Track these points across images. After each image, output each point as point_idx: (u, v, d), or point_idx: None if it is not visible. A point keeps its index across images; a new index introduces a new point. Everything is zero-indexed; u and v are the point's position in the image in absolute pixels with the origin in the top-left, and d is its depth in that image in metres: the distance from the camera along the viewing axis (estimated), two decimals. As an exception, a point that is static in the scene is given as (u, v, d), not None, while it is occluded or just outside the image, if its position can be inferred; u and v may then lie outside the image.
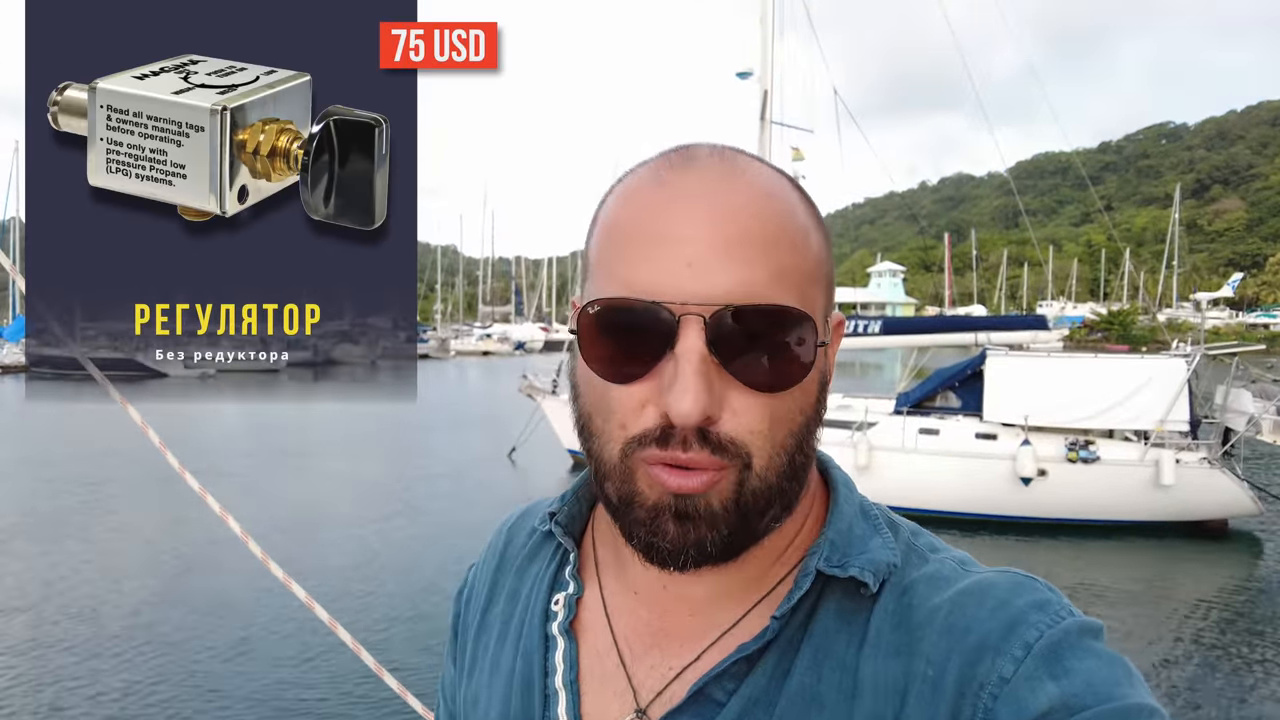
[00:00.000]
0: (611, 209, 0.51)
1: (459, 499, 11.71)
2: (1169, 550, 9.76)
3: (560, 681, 0.56)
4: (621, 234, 0.49)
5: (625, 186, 0.52)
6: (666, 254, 0.47)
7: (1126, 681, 0.44)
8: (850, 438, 10.82)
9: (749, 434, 0.47)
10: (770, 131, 12.53)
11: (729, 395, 0.47)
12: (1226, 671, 6.49)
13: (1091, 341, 42.90)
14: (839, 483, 0.58)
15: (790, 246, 0.49)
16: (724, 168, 0.49)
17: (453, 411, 20.33)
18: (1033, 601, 0.48)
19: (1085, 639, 0.46)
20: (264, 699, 5.63)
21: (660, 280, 0.46)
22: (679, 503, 0.47)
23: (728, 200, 0.48)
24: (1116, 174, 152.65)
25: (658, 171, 0.50)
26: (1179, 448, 9.99)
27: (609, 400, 0.49)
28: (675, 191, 0.48)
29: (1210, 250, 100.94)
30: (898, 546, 0.54)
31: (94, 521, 10.28)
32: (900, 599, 0.51)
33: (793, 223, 0.49)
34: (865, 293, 69.40)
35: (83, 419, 16.00)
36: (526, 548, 0.66)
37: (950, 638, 0.48)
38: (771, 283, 0.47)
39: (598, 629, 0.58)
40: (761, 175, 0.51)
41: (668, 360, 0.46)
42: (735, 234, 0.47)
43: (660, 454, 0.46)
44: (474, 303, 73.84)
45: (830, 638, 0.50)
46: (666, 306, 0.46)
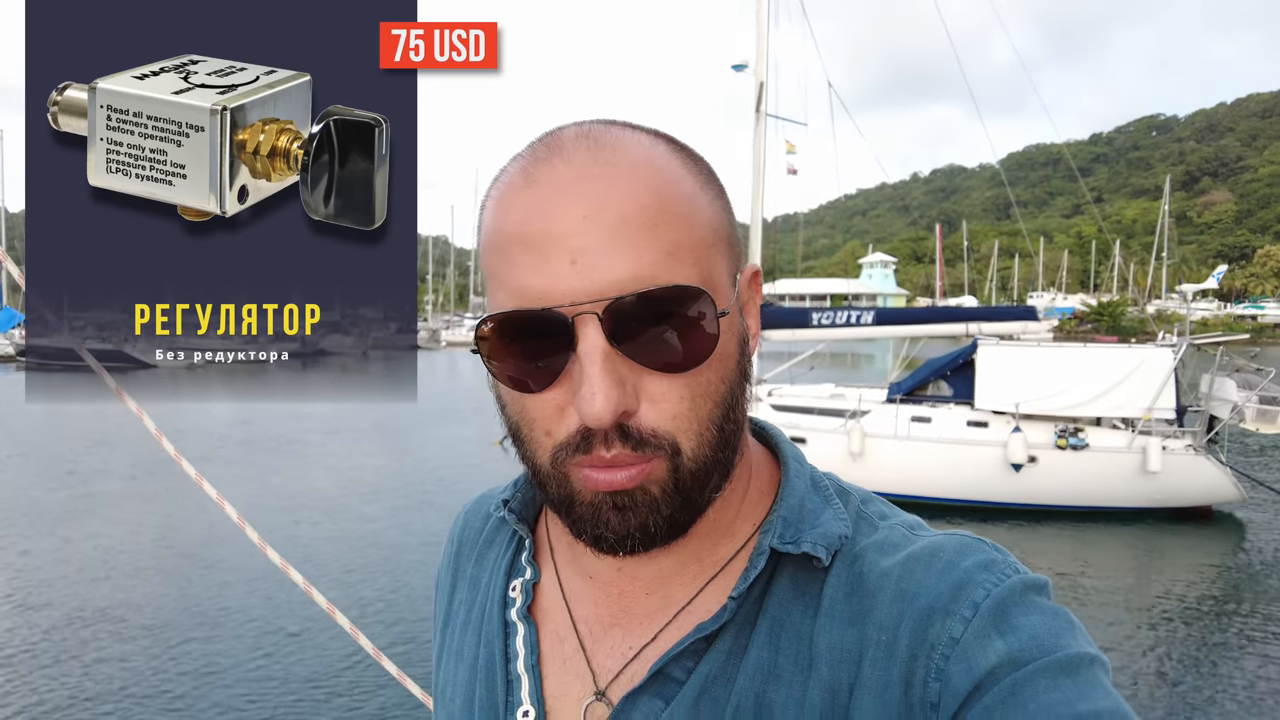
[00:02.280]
0: (490, 216, 0.50)
1: (449, 487, 11.71)
2: (1155, 535, 9.93)
3: (522, 666, 0.57)
4: (503, 242, 0.48)
5: (499, 190, 0.50)
6: (548, 256, 0.46)
7: (1069, 633, 0.46)
8: (844, 426, 10.91)
9: (671, 420, 0.47)
10: (765, 124, 12.52)
11: (643, 383, 0.46)
12: (1210, 651, 6.64)
13: (1081, 332, 43.19)
14: (789, 456, 0.58)
15: (677, 221, 0.47)
16: (591, 152, 0.48)
17: (444, 403, 20.29)
18: (979, 561, 0.49)
19: (1030, 595, 0.47)
20: (259, 682, 5.64)
21: (548, 284, 0.45)
22: (615, 497, 0.47)
23: (600, 188, 0.46)
24: (1107, 165, 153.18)
25: (526, 169, 0.49)
26: (1165, 435, 10.18)
27: (528, 410, 0.49)
28: (546, 188, 0.47)
29: (1199, 242, 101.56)
30: (848, 515, 0.54)
31: (91, 511, 10.23)
32: (852, 567, 0.51)
33: (675, 194, 0.48)
34: (857, 284, 69.52)
35: (79, 409, 15.87)
36: (484, 534, 0.67)
37: (901, 602, 0.48)
38: (662, 263, 0.46)
39: (556, 613, 0.58)
40: (635, 150, 0.48)
41: (573, 363, 0.46)
42: (614, 222, 0.45)
43: (585, 458, 0.46)
44: (465, 293, 73.56)
45: (785, 610, 0.51)
46: (558, 311, 0.45)
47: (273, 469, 13.15)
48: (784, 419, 11.33)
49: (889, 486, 10.52)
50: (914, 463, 10.65)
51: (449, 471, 12.96)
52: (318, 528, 9.60)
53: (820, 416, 11.29)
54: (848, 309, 12.82)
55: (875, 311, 13.09)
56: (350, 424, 17.04)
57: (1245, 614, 7.47)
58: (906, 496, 10.47)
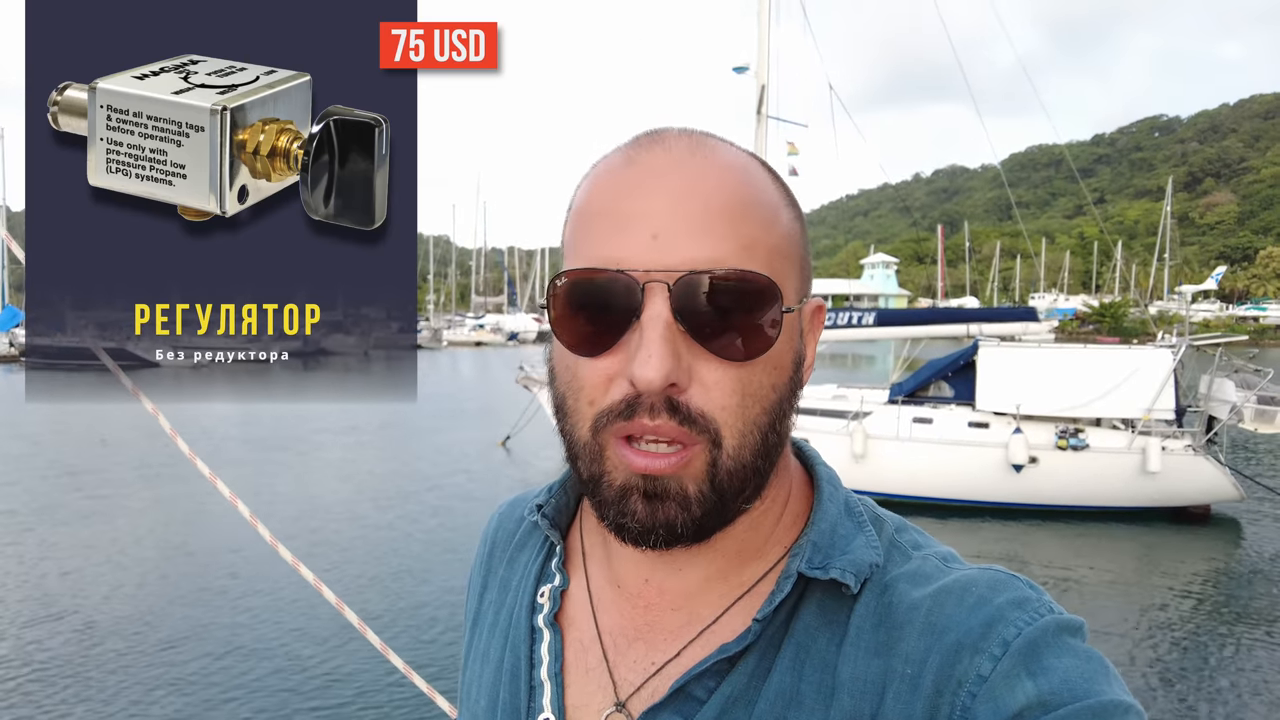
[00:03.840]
0: (583, 192, 0.52)
1: (452, 489, 11.71)
2: (1155, 534, 9.95)
3: (545, 673, 0.57)
4: (591, 214, 0.50)
5: (596, 171, 0.52)
6: (632, 228, 0.47)
7: (1103, 678, 0.44)
8: (846, 427, 10.91)
9: (719, 409, 0.47)
10: (766, 126, 12.51)
11: (697, 366, 0.47)
12: (1208, 647, 6.66)
13: (1083, 334, 43.16)
14: (823, 479, 0.57)
15: (757, 220, 0.49)
16: (691, 146, 0.50)
17: (447, 403, 20.30)
18: (1012, 599, 0.48)
19: (1063, 636, 0.46)
20: (271, 687, 5.64)
21: (626, 253, 0.47)
22: (648, 484, 0.47)
23: (693, 176, 0.48)
24: (1109, 166, 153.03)
25: (627, 153, 0.51)
26: (1165, 436, 10.19)
27: (579, 377, 0.49)
28: (642, 170, 0.49)
29: (1201, 243, 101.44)
30: (881, 544, 0.53)
31: (94, 512, 10.24)
32: (881, 597, 0.50)
33: (760, 198, 0.50)
34: (858, 284, 69.44)
35: (80, 409, 15.88)
36: (516, 537, 0.67)
37: (929, 636, 0.47)
38: (737, 254, 0.47)
39: (582, 622, 0.58)
40: (730, 154, 0.51)
41: (635, 330, 0.46)
42: (700, 208, 0.47)
43: (626, 425, 0.46)
44: (467, 293, 73.59)
45: (811, 636, 0.50)
46: (631, 275, 0.46)
47: (276, 468, 13.16)
48: (785, 419, 11.28)
49: (891, 488, 10.52)
50: (916, 464, 10.66)
51: (449, 472, 12.96)
52: (319, 525, 9.60)
53: (822, 418, 11.29)
54: (849, 310, 12.83)
55: (876, 313, 13.10)
56: (350, 424, 17.05)
57: (1243, 612, 7.50)
58: (908, 497, 10.47)
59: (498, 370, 29.29)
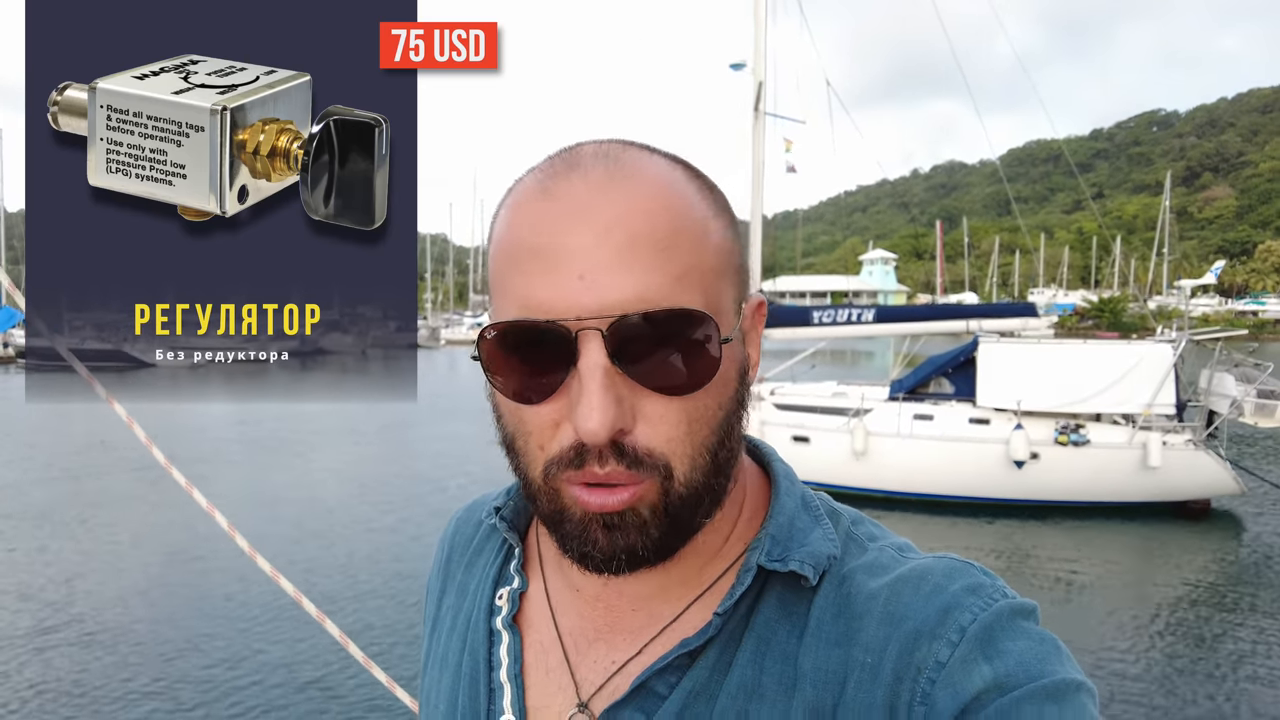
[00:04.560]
0: (502, 225, 0.50)
1: (455, 489, 11.72)
2: (1156, 529, 9.97)
3: (505, 675, 0.57)
4: (513, 251, 0.48)
5: (513, 200, 0.50)
6: (558, 269, 0.45)
7: (1055, 659, 0.45)
8: (847, 424, 10.92)
9: (665, 442, 0.46)
10: (764, 122, 12.50)
11: (641, 404, 0.46)
12: (1208, 640, 6.68)
13: (1082, 329, 43.18)
14: (780, 475, 0.57)
15: (688, 245, 0.47)
16: (609, 170, 0.48)
17: (445, 403, 20.30)
18: (966, 585, 0.49)
19: (1017, 620, 0.47)
20: (250, 691, 5.65)
21: (554, 297, 0.45)
22: (605, 517, 0.47)
23: (616, 206, 0.46)
24: (1108, 161, 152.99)
25: (542, 181, 0.49)
26: (1165, 430, 10.19)
27: (524, 422, 0.48)
28: (561, 202, 0.47)
29: (1200, 238, 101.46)
30: (838, 536, 0.54)
31: (84, 515, 10.25)
32: (840, 589, 0.51)
33: (688, 219, 0.48)
34: (857, 280, 69.48)
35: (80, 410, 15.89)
36: (474, 541, 0.67)
37: (888, 625, 0.48)
38: (669, 285, 0.46)
39: (542, 624, 0.58)
40: (652, 172, 0.49)
41: (573, 377, 0.46)
42: (626, 241, 0.45)
43: (577, 474, 0.46)
44: (465, 291, 73.56)
45: (771, 629, 0.51)
46: (562, 325, 0.45)
47: (266, 470, 13.15)
48: (787, 417, 11.34)
49: (892, 485, 10.54)
50: (917, 460, 10.68)
51: (451, 473, 12.96)
52: (314, 529, 9.61)
53: (823, 415, 11.30)
54: (849, 307, 12.84)
55: (876, 309, 13.10)
56: (350, 424, 17.05)
57: (1243, 604, 7.53)
58: (910, 494, 10.49)
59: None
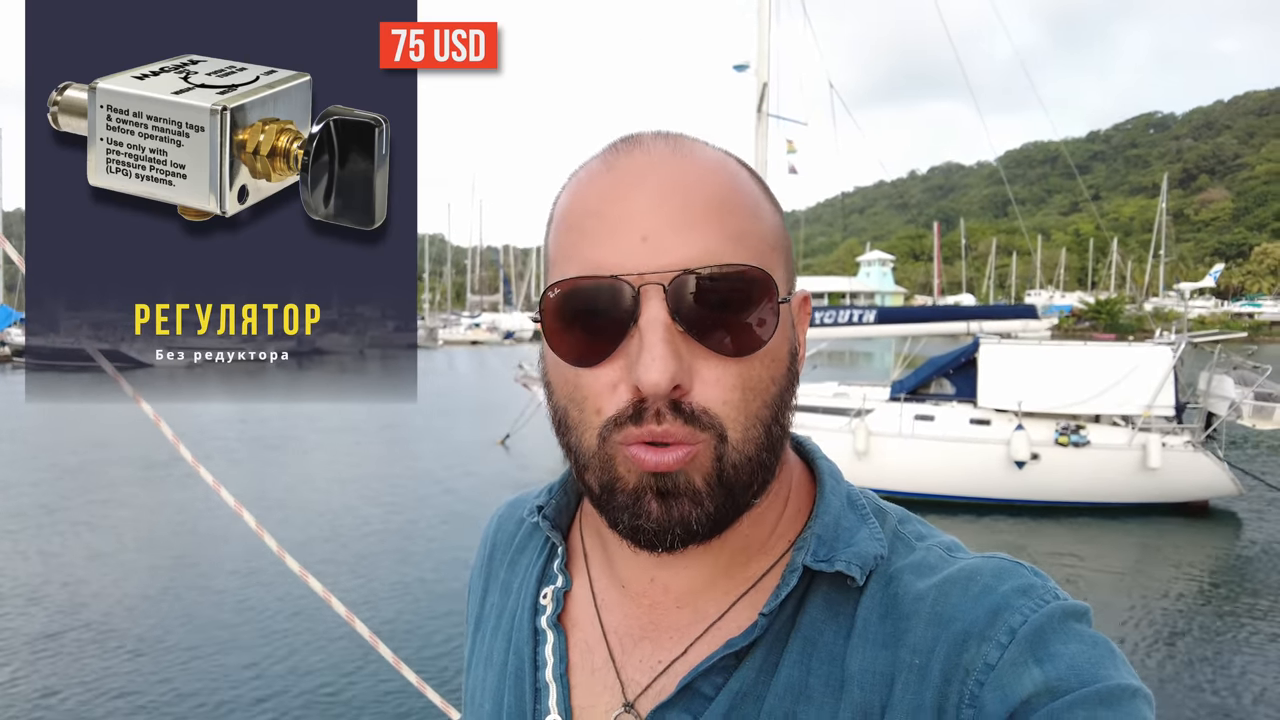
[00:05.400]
0: (564, 200, 0.52)
1: (452, 488, 11.71)
2: (1155, 529, 10.01)
3: (550, 674, 0.56)
4: (576, 220, 0.50)
5: (576, 178, 0.52)
6: (620, 231, 0.47)
7: (1110, 663, 0.44)
8: (848, 424, 10.94)
9: (722, 404, 0.47)
10: (767, 124, 12.50)
11: (698, 364, 0.47)
12: (1206, 640, 6.71)
13: (1079, 330, 43.24)
14: (825, 473, 0.57)
15: (743, 212, 0.49)
16: (670, 147, 0.51)
17: (444, 402, 20.28)
18: (1017, 586, 0.48)
19: (1069, 622, 0.46)
20: (275, 692, 5.64)
21: (617, 258, 0.47)
22: (659, 482, 0.47)
23: (675, 174, 0.49)
24: (1105, 163, 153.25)
25: (605, 159, 0.51)
26: (1165, 432, 10.24)
27: (581, 388, 0.49)
28: (623, 173, 0.49)
29: (1196, 240, 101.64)
30: (885, 535, 0.53)
31: (95, 514, 10.23)
32: (886, 589, 0.50)
33: (743, 191, 0.51)
34: (855, 281, 69.48)
35: (80, 409, 15.86)
36: (516, 539, 0.67)
37: (936, 626, 0.47)
38: (728, 247, 0.47)
39: (586, 623, 0.58)
40: (707, 152, 0.52)
41: (633, 335, 0.46)
42: (685, 205, 0.47)
43: (636, 431, 0.46)
44: (462, 292, 73.49)
45: (818, 630, 0.50)
46: (624, 279, 0.46)
47: (269, 468, 13.14)
48: (787, 417, 11.30)
49: (894, 484, 10.55)
50: (918, 461, 10.71)
51: (453, 474, 12.94)
52: (318, 531, 9.59)
53: (824, 415, 11.31)
54: (850, 308, 12.87)
55: (878, 310, 13.13)
56: (349, 424, 17.03)
57: (1241, 605, 7.57)
58: (911, 494, 10.50)
59: (495, 369, 29.26)
